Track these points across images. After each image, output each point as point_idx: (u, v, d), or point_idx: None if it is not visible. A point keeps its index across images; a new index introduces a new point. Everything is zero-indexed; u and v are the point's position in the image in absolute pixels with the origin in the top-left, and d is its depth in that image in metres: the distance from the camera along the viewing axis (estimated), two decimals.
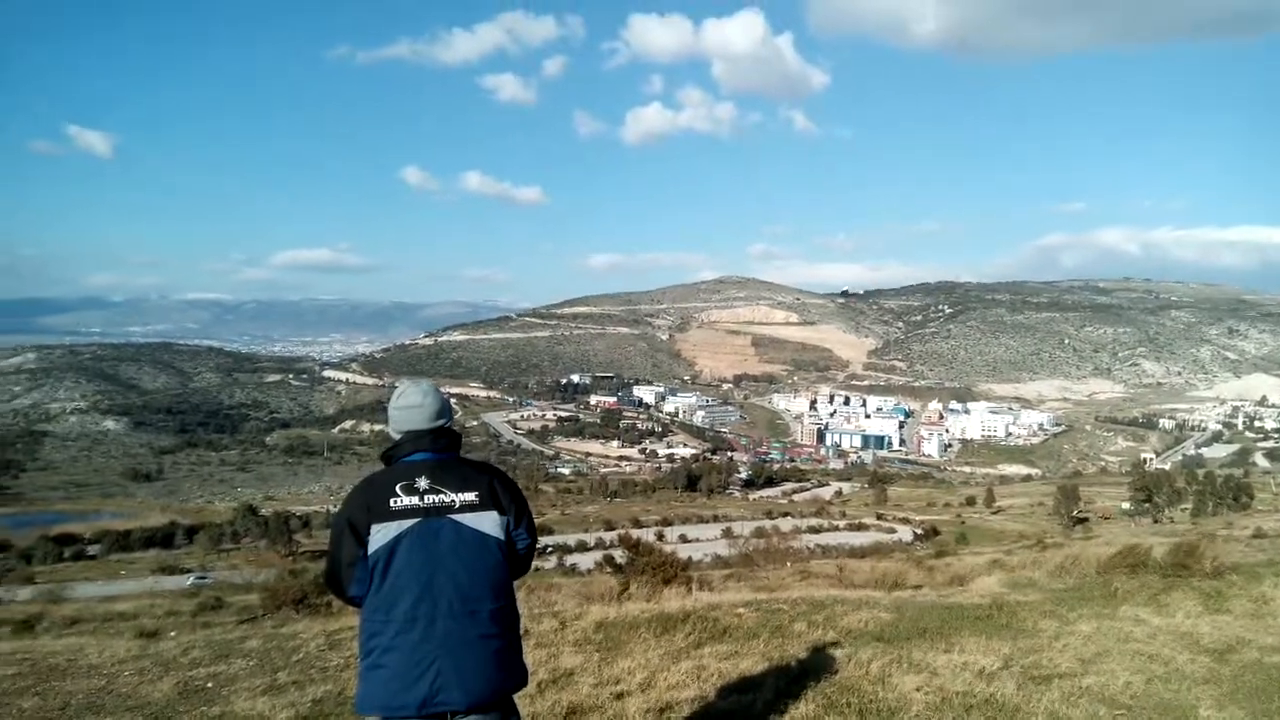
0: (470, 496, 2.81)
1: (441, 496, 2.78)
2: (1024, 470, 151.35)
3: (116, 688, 5.94)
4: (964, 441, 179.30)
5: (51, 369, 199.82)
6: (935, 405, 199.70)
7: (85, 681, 6.11)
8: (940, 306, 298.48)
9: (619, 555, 12.23)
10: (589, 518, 69.73)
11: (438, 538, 2.73)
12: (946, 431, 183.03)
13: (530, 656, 5.18)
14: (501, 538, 2.83)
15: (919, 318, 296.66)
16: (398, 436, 2.96)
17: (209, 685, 5.94)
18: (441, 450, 2.92)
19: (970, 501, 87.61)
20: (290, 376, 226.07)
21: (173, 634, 8.29)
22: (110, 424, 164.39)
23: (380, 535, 2.70)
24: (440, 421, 2.96)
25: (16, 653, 7.24)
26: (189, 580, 36.34)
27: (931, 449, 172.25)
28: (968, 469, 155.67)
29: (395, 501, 2.74)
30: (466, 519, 2.78)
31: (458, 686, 2.64)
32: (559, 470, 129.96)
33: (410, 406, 2.94)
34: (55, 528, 64.98)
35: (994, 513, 76.59)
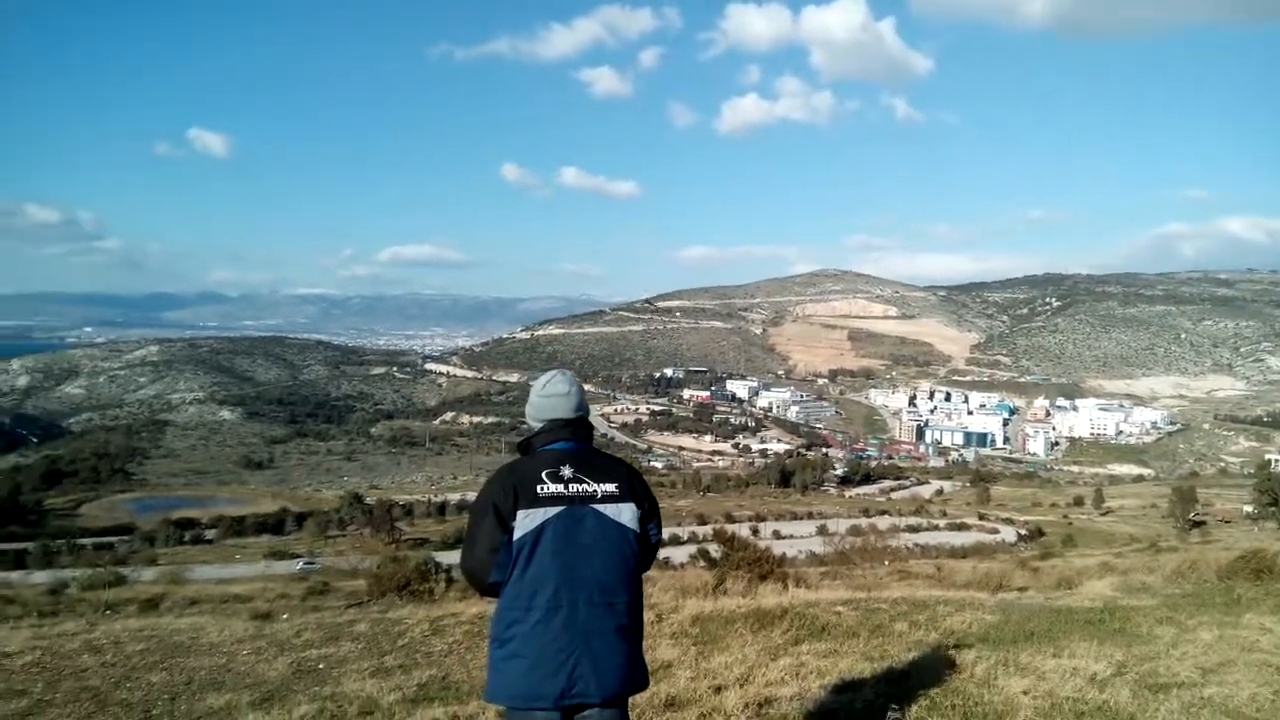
0: (611, 487, 2.81)
1: (585, 486, 2.77)
2: (1136, 470, 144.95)
3: (235, 665, 6.24)
4: (1072, 440, 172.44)
5: (173, 361, 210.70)
6: (1041, 402, 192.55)
7: (207, 659, 6.43)
8: (1047, 299, 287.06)
9: (714, 550, 12.22)
10: (682, 511, 69.75)
11: (581, 526, 2.72)
12: (1053, 429, 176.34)
13: None
14: (638, 530, 2.83)
15: (1025, 311, 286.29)
16: (537, 425, 2.97)
17: (320, 666, 6.18)
18: (581, 440, 2.94)
19: (1078, 502, 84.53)
20: (394, 369, 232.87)
21: (285, 616, 8.64)
22: (226, 414, 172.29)
23: (526, 521, 2.69)
24: (581, 413, 2.99)
25: (144, 629, 7.66)
26: (299, 565, 37.86)
27: (1037, 447, 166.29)
28: (1075, 468, 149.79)
29: (542, 488, 2.73)
30: (607, 509, 2.78)
31: (594, 679, 2.62)
32: (652, 464, 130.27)
33: (556, 395, 2.97)
34: (176, 512, 68.84)
35: (1103, 514, 73.68)
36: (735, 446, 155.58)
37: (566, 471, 2.78)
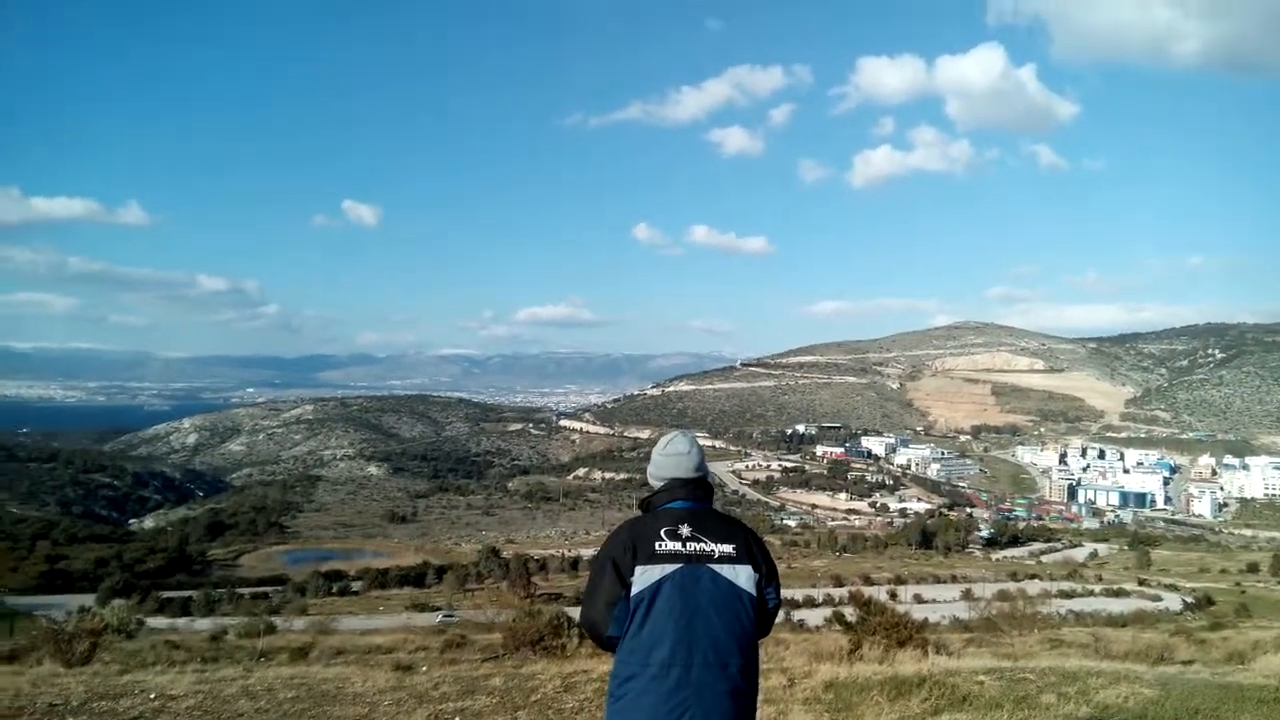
0: (728, 549, 2.79)
1: (702, 545, 2.77)
2: None
3: (377, 716, 6.46)
4: (1242, 500, 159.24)
5: (325, 419, 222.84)
6: (1207, 460, 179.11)
7: (351, 708, 6.68)
8: (1210, 350, 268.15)
9: (849, 613, 11.86)
10: (816, 572, 68.02)
11: (697, 585, 2.71)
12: (1221, 489, 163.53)
13: (758, 712, 5.11)
14: (754, 594, 2.78)
15: (1185, 363, 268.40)
16: (657, 484, 3.01)
17: (456, 719, 6.32)
18: (700, 500, 2.95)
19: (1253, 568, 77.62)
20: (530, 426, 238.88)
21: (424, 668, 8.89)
22: (373, 469, 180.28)
23: (644, 578, 2.70)
24: (701, 473, 3.00)
25: (294, 677, 8.02)
26: (438, 618, 38.80)
27: (1203, 508, 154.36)
28: (1248, 531, 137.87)
29: (660, 545, 2.75)
30: (724, 570, 2.75)
31: None
32: (784, 522, 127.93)
33: (678, 454, 3.00)
34: (325, 564, 72.01)
35: None
36: (872, 505, 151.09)
37: (685, 530, 2.79)
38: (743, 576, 2.77)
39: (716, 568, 2.75)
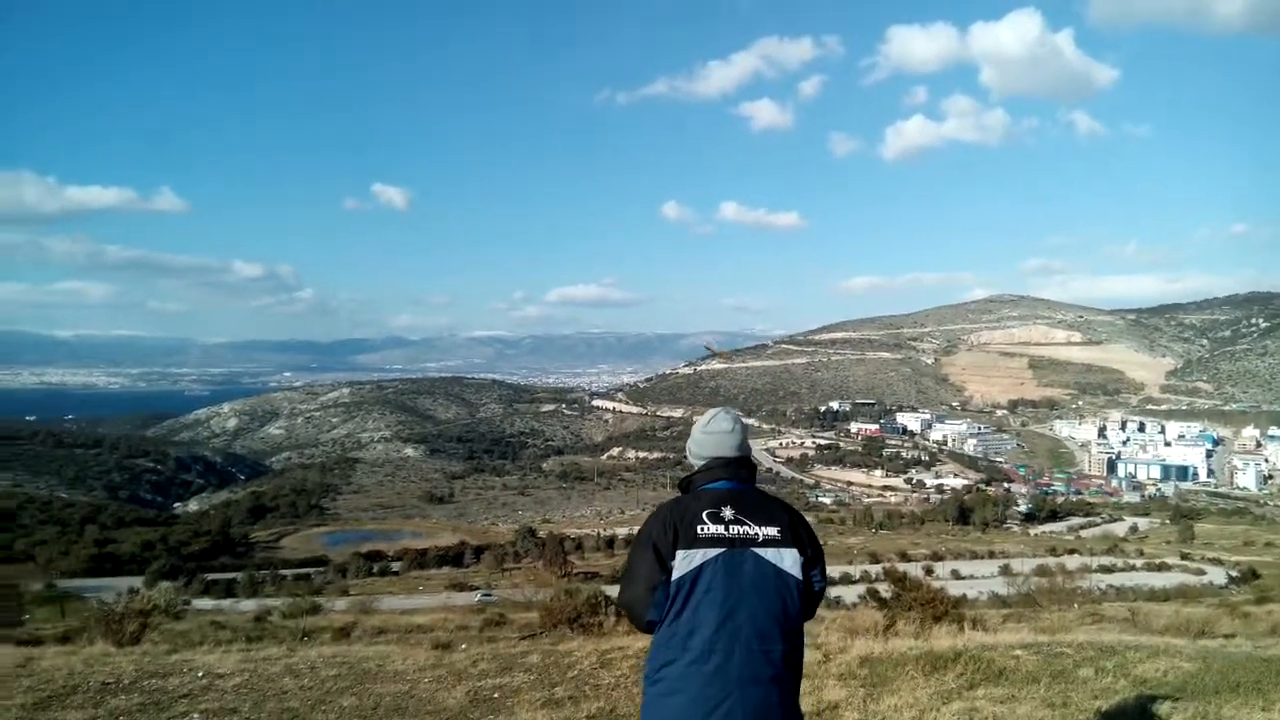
0: (773, 531, 2.70)
1: (746, 528, 2.68)
2: None
3: (418, 693, 6.56)
4: None
5: (362, 402, 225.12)
6: (1251, 431, 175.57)
7: (392, 685, 6.79)
8: (1254, 320, 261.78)
9: (884, 589, 11.83)
10: (852, 549, 67.84)
11: (741, 570, 2.62)
12: (1266, 461, 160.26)
13: None
14: (800, 577, 2.69)
15: (1227, 333, 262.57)
16: (698, 463, 2.91)
17: (495, 695, 6.41)
18: (744, 480, 2.86)
19: None
20: (563, 406, 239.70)
21: (463, 646, 9.00)
22: (410, 451, 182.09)
23: (685, 562, 2.62)
24: (744, 451, 2.91)
25: (336, 656, 8.17)
26: (477, 597, 39.28)
27: (1247, 480, 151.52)
28: None
29: (702, 529, 2.66)
30: (768, 554, 2.67)
31: None
32: (820, 499, 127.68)
33: (721, 432, 2.90)
34: (365, 545, 73.12)
35: None
36: (908, 482, 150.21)
37: (728, 513, 2.70)
38: (788, 560, 2.68)
39: (760, 551, 2.67)
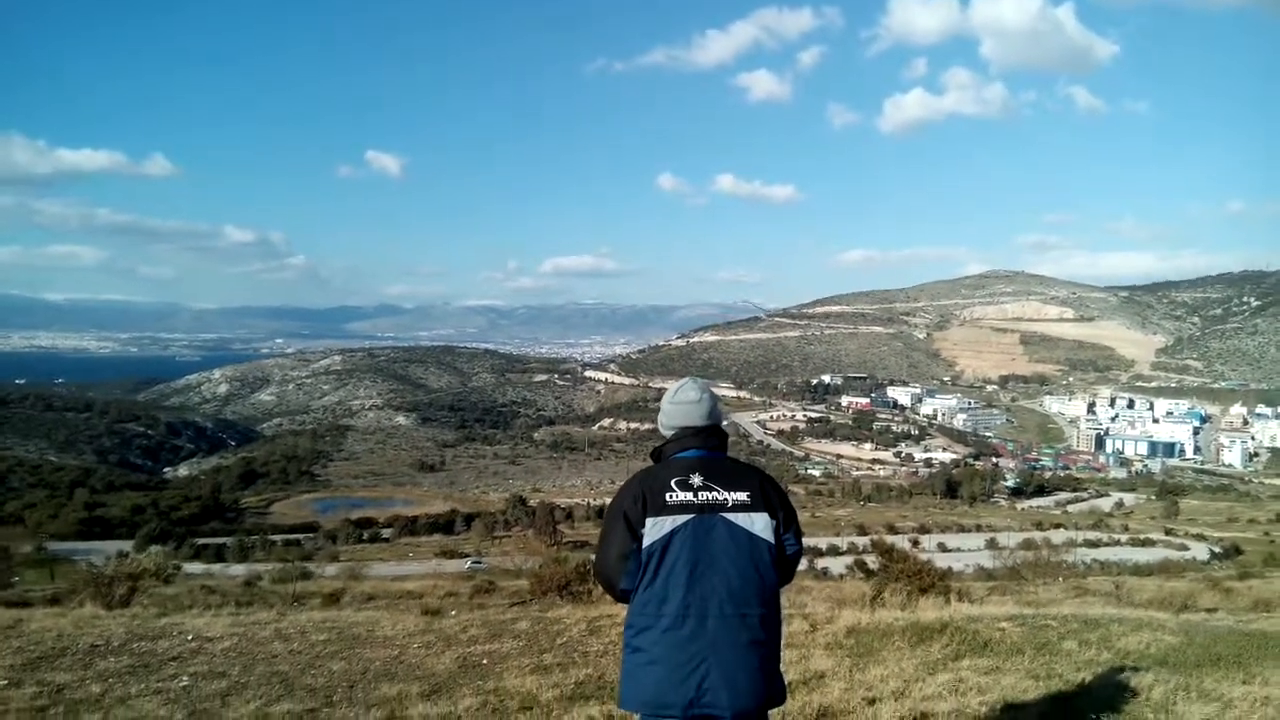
0: (742, 496, 2.74)
1: (714, 494, 2.72)
2: None
3: (407, 658, 6.61)
4: (1274, 450, 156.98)
5: (354, 370, 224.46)
6: (1238, 409, 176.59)
7: (381, 650, 6.84)
8: (1245, 298, 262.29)
9: (872, 561, 11.93)
10: (840, 521, 68.43)
11: (710, 535, 2.67)
12: (1252, 439, 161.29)
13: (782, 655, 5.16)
14: (771, 541, 2.74)
15: (1219, 311, 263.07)
16: (668, 434, 2.95)
17: (484, 661, 6.46)
18: (713, 449, 2.89)
19: None
20: (555, 376, 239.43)
21: (453, 613, 9.06)
22: (401, 419, 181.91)
23: (655, 529, 2.67)
24: (713, 420, 2.95)
25: (326, 621, 8.22)
26: (467, 564, 39.47)
27: (1233, 458, 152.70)
28: (1279, 481, 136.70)
29: (670, 496, 2.70)
30: (738, 518, 2.71)
31: (725, 690, 2.56)
32: (809, 471, 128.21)
33: (687, 402, 2.94)
34: (356, 512, 73.40)
35: None
36: (897, 455, 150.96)
37: (696, 480, 2.74)
38: (759, 524, 2.73)
39: (730, 516, 2.71)
